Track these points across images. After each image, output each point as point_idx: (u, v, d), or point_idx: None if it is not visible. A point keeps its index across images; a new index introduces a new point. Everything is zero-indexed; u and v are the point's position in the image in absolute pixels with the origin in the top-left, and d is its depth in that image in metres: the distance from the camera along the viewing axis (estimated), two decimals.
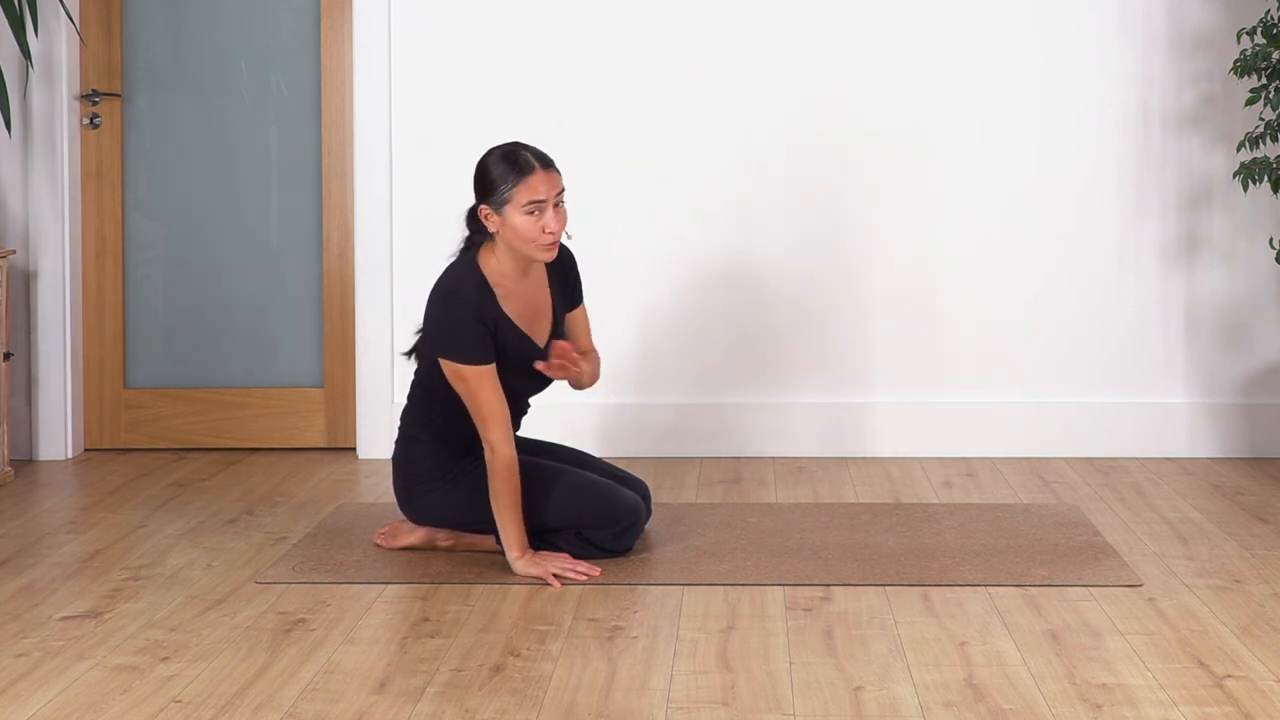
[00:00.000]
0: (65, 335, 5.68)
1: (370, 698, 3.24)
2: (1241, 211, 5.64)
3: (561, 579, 4.06)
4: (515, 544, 4.11)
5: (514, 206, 4.07)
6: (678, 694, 3.25)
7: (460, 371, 4.09)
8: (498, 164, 4.10)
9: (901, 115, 5.68)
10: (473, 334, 4.08)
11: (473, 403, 4.10)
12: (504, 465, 4.07)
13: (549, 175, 4.09)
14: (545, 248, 4.10)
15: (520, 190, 4.06)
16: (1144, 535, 4.55)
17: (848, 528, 4.61)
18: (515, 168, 4.07)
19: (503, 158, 4.11)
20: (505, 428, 4.09)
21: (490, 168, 4.11)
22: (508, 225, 4.09)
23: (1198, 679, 3.33)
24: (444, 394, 4.20)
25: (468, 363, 4.08)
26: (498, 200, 4.09)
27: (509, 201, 4.07)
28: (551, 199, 4.08)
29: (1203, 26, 5.62)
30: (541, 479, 4.23)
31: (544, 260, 4.15)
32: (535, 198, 4.06)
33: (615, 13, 5.68)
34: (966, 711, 3.15)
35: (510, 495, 4.09)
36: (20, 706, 3.20)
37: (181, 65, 5.82)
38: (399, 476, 4.31)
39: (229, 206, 5.83)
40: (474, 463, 4.26)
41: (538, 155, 4.11)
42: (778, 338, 5.73)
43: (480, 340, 4.09)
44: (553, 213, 4.08)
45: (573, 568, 4.10)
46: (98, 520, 4.77)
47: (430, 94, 5.70)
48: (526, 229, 4.07)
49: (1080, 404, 5.69)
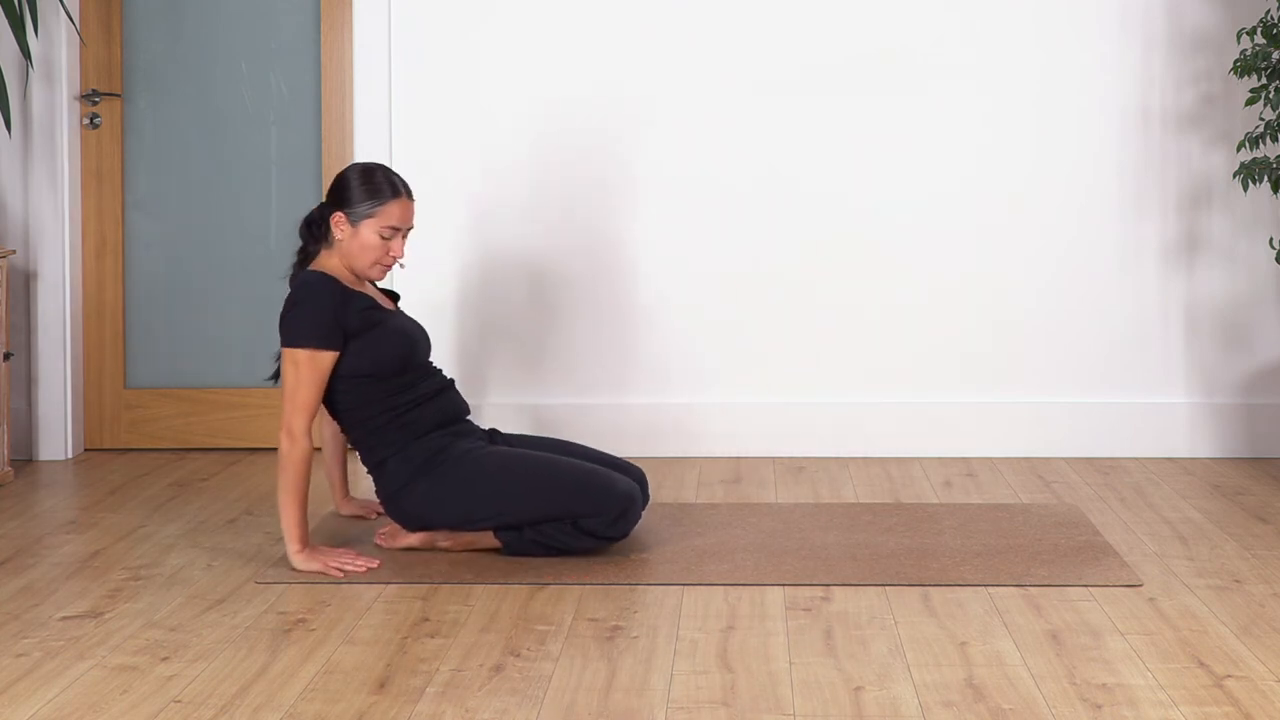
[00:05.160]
0: (65, 335, 5.68)
1: (370, 698, 3.24)
2: (1241, 211, 5.64)
3: (344, 570, 4.12)
4: (295, 537, 4.17)
5: (371, 223, 4.25)
6: (678, 694, 3.26)
7: (295, 356, 4.17)
8: (367, 180, 4.27)
9: (901, 116, 5.68)
10: (319, 318, 4.17)
11: (292, 387, 4.17)
12: (301, 457, 4.14)
13: (410, 205, 4.31)
14: (381, 269, 4.30)
15: (385, 211, 4.26)
16: (1144, 535, 4.55)
17: (848, 528, 4.61)
18: (386, 189, 4.27)
19: (373, 174, 4.28)
20: (310, 421, 4.16)
21: (358, 180, 4.28)
22: (357, 238, 4.26)
23: (1198, 679, 3.34)
24: (365, 397, 4.27)
25: (306, 346, 4.16)
26: (357, 213, 4.25)
27: (369, 217, 4.25)
28: (404, 229, 4.29)
29: (1203, 26, 5.62)
30: (531, 471, 4.24)
31: (372, 278, 4.33)
32: (394, 224, 4.26)
33: (615, 13, 5.68)
34: (966, 711, 3.15)
35: (297, 486, 4.14)
36: (20, 706, 3.20)
37: (181, 65, 5.82)
38: (384, 495, 4.33)
39: (229, 206, 5.84)
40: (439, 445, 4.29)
41: (405, 185, 4.32)
42: (778, 338, 5.73)
43: (326, 328, 4.17)
44: (400, 240, 4.29)
45: (352, 561, 4.16)
46: (98, 520, 4.77)
47: (430, 94, 5.71)
48: (374, 248, 4.26)
49: (1080, 404, 5.70)
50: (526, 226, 5.72)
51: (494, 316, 5.74)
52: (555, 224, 5.71)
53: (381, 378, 4.26)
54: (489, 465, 4.26)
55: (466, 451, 4.28)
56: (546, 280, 5.73)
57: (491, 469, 4.25)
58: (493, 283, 5.74)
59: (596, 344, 5.74)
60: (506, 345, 5.75)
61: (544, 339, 5.74)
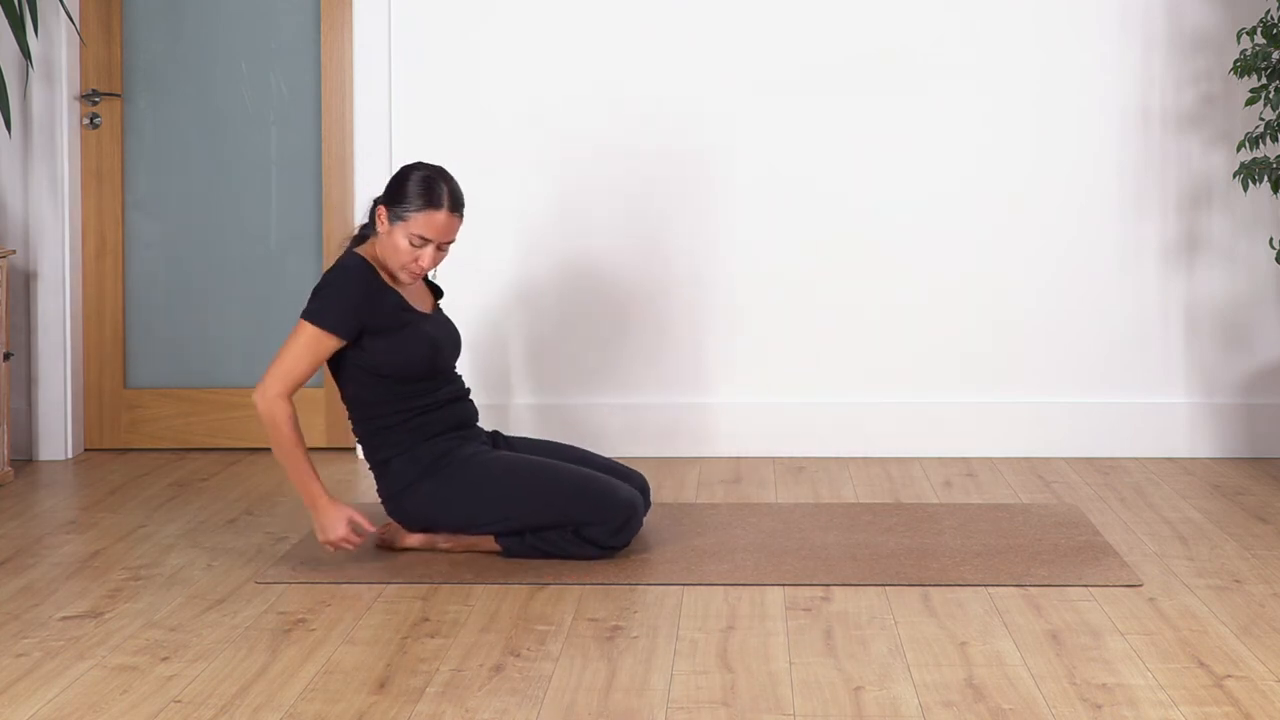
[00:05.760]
0: (65, 335, 5.68)
1: (370, 698, 3.24)
2: (1241, 211, 5.64)
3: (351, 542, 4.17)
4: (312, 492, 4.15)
5: (404, 227, 4.19)
6: (678, 694, 3.26)
7: (304, 329, 4.16)
8: (418, 184, 4.21)
9: (901, 115, 5.68)
10: (343, 305, 4.16)
11: (287, 356, 4.15)
12: (288, 415, 4.11)
13: (451, 220, 4.22)
14: (408, 274, 4.24)
15: (419, 219, 4.18)
16: (1144, 535, 4.55)
17: (848, 528, 4.61)
18: (430, 197, 4.19)
19: (426, 181, 4.21)
20: (288, 391, 4.13)
21: (410, 182, 4.22)
22: (390, 237, 4.21)
23: (1198, 679, 3.34)
24: (382, 394, 4.26)
25: (318, 325, 4.15)
26: (397, 213, 4.20)
27: (404, 220, 4.19)
28: (439, 241, 4.21)
29: (1203, 26, 5.62)
30: (534, 476, 4.24)
31: (403, 282, 4.28)
32: (426, 234, 4.19)
33: (615, 13, 5.68)
34: (966, 711, 3.15)
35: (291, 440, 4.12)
36: (20, 706, 3.20)
37: (181, 65, 5.82)
38: (386, 495, 4.32)
39: (229, 206, 5.84)
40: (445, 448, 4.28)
41: (454, 195, 4.22)
42: (778, 338, 5.73)
43: (345, 316, 4.16)
44: (432, 252, 4.21)
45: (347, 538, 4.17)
46: (98, 520, 4.77)
47: (430, 94, 5.71)
48: (402, 252, 4.20)
49: (1080, 404, 5.70)
50: (526, 226, 5.72)
51: (491, 317, 5.74)
52: (555, 224, 5.71)
53: (403, 380, 4.25)
54: (494, 469, 4.25)
55: (471, 455, 4.28)
56: (546, 280, 5.73)
57: (496, 473, 4.25)
58: (491, 283, 5.74)
59: (595, 344, 5.74)
60: (503, 345, 5.75)
61: (542, 339, 5.75)
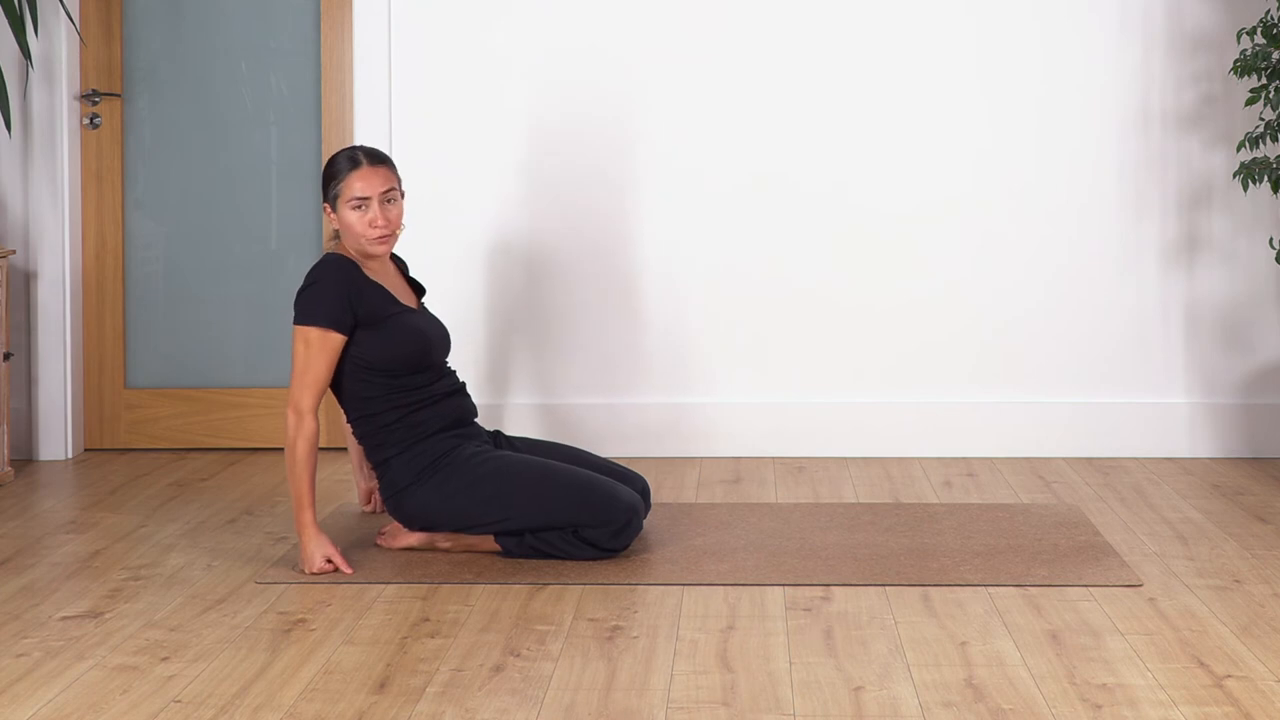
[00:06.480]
0: (65, 335, 5.68)
1: (370, 698, 3.24)
2: (1241, 211, 5.64)
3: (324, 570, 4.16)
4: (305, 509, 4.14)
5: (343, 202, 4.28)
6: (678, 694, 3.25)
7: (306, 334, 4.19)
8: (331, 164, 4.33)
9: (901, 115, 5.68)
10: (331, 298, 4.20)
11: (302, 366, 4.19)
12: (309, 434, 4.15)
13: (374, 170, 4.29)
14: (374, 241, 4.29)
15: (345, 186, 4.27)
16: (1144, 535, 4.55)
17: (848, 528, 4.61)
18: (345, 164, 4.29)
19: (337, 155, 4.33)
20: (317, 400, 4.18)
21: (328, 166, 4.33)
22: (341, 221, 4.30)
23: (1198, 679, 3.34)
24: (374, 390, 4.26)
25: (318, 325, 4.18)
26: (331, 196, 4.30)
27: (339, 197, 4.28)
28: (377, 195, 4.27)
29: (1203, 26, 5.62)
30: (535, 477, 4.24)
31: (376, 253, 4.32)
32: (360, 194, 4.25)
33: (615, 14, 5.68)
34: (966, 711, 3.15)
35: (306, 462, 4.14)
36: (20, 706, 3.20)
37: (181, 65, 5.82)
38: (387, 493, 4.32)
39: (229, 206, 5.84)
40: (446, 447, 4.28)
41: (367, 153, 4.32)
42: (778, 338, 5.73)
43: (339, 309, 4.20)
44: (379, 208, 4.27)
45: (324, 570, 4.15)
46: (98, 520, 4.77)
47: (430, 94, 5.71)
48: (354, 223, 4.27)
49: (1080, 404, 5.70)
50: (527, 226, 5.72)
51: (492, 315, 5.74)
52: (555, 223, 5.71)
53: (393, 374, 4.26)
54: (494, 470, 4.25)
55: (472, 455, 4.28)
56: (547, 280, 5.73)
57: (496, 474, 4.24)
58: (493, 282, 5.74)
59: (595, 343, 5.74)
60: (505, 344, 5.75)
61: (543, 338, 5.74)
